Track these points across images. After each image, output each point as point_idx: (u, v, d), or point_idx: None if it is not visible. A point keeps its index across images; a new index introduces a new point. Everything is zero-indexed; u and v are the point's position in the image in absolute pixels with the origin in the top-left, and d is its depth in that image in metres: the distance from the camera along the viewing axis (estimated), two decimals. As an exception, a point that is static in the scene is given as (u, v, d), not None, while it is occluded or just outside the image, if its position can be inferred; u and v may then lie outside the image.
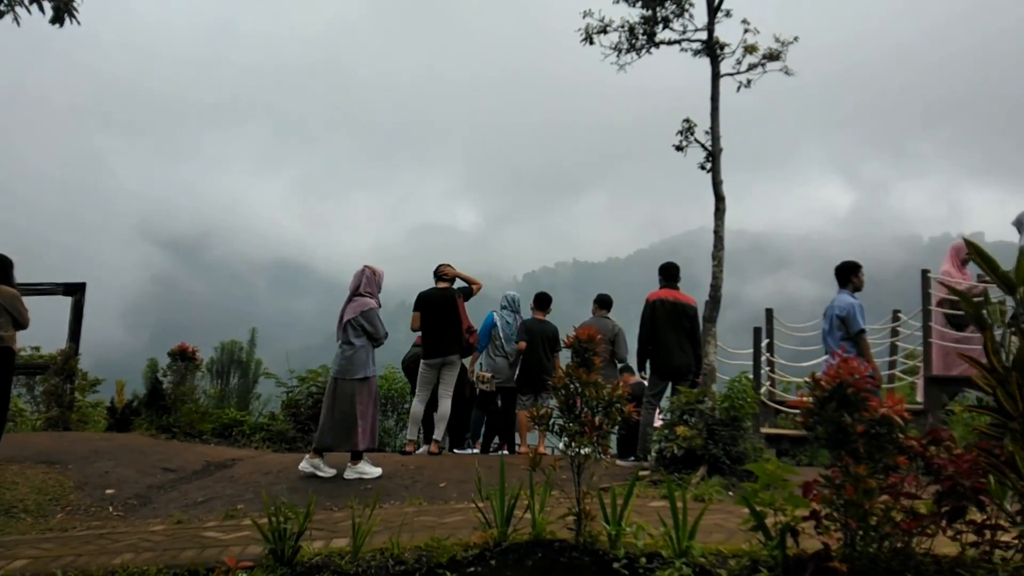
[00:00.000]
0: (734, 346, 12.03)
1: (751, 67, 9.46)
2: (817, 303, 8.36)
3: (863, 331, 7.71)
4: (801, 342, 11.88)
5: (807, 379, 3.93)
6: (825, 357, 8.41)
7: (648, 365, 8.67)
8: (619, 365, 9.95)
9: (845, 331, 7.68)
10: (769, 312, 12.08)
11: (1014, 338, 3.00)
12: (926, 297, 9.72)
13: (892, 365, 11.39)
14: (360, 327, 7.71)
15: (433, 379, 9.11)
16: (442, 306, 9.08)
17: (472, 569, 4.33)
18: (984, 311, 2.98)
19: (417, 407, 9.12)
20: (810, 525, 3.73)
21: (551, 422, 4.78)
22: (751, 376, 10.79)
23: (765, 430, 10.12)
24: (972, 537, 3.60)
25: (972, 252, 3.14)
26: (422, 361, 9.13)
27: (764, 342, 11.57)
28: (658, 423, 8.66)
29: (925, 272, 9.81)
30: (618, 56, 9.85)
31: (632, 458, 8.79)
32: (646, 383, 8.92)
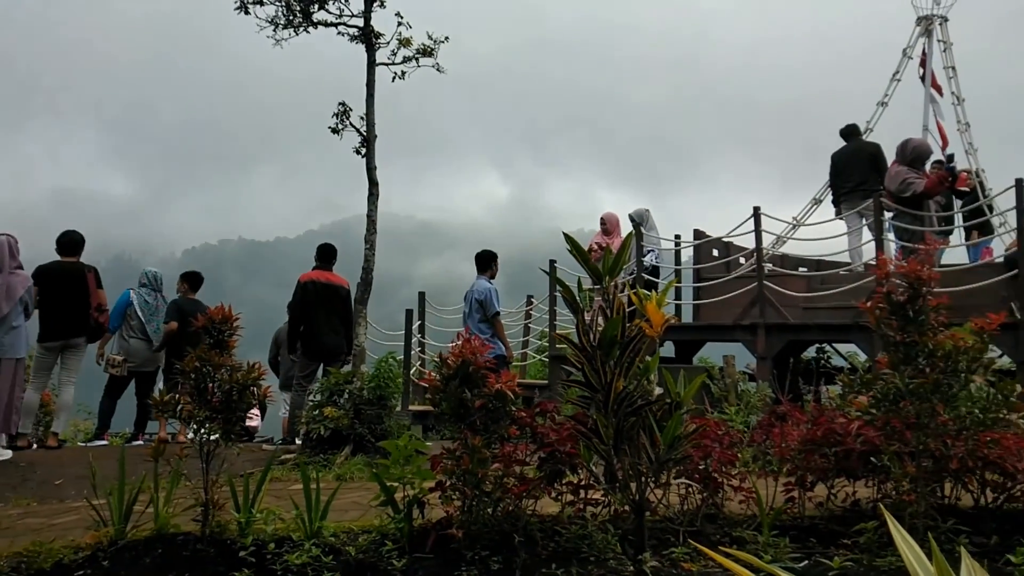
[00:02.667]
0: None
1: (406, 60, 9.62)
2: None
3: (498, 313, 8.47)
4: (456, 323, 12.63)
5: (435, 359, 4.15)
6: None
7: (299, 346, 8.58)
8: None
9: (483, 313, 8.35)
10: (422, 295, 12.80)
11: (601, 320, 3.44)
12: (553, 284, 10.93)
13: (526, 344, 12.66)
14: (25, 304, 7.08)
15: (52, 364, 8.11)
16: (65, 281, 8.03)
17: (81, 573, 3.93)
18: (577, 297, 3.39)
19: (32, 396, 8.03)
20: (436, 496, 3.94)
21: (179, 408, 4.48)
22: (401, 357, 11.24)
23: (413, 407, 10.60)
24: (570, 497, 4.07)
25: (569, 244, 3.54)
26: (38, 344, 8.05)
27: (416, 323, 12.18)
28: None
29: (552, 262, 11.00)
30: (275, 30, 9.47)
31: (280, 441, 8.65)
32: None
